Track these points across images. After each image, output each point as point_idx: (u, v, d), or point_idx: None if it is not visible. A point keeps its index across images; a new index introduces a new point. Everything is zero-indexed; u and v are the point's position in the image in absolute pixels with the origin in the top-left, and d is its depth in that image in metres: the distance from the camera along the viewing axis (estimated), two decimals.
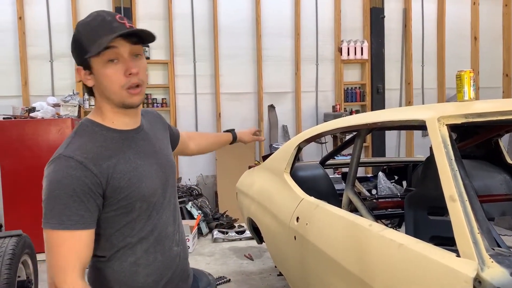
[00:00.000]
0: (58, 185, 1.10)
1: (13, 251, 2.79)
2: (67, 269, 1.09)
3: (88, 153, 1.13)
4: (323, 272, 1.88)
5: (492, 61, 6.83)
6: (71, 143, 1.16)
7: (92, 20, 1.15)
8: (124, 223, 1.19)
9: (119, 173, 1.16)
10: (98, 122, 1.21)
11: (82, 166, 1.10)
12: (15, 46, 5.63)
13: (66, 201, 1.09)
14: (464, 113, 1.50)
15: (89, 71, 1.17)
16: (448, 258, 1.20)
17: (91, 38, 1.12)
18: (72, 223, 1.09)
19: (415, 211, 2.20)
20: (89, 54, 1.12)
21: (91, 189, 1.11)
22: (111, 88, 1.15)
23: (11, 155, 4.51)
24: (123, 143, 1.21)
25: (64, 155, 1.13)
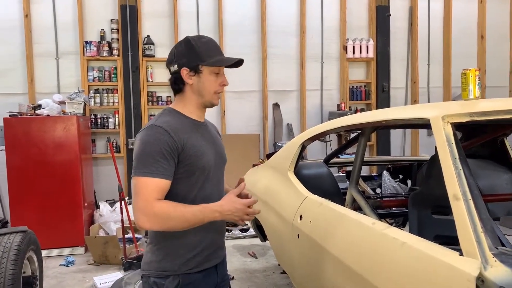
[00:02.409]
0: (150, 145, 1.48)
1: (19, 247, 2.81)
2: (150, 199, 1.44)
3: (171, 126, 1.53)
4: (326, 270, 1.88)
5: (499, 59, 6.77)
6: (159, 119, 1.57)
7: (208, 41, 1.63)
8: (186, 186, 1.55)
9: (190, 145, 1.54)
10: (178, 111, 1.63)
11: (167, 133, 1.50)
12: (22, 44, 5.66)
13: (155, 157, 1.46)
14: (469, 112, 1.49)
15: (193, 73, 1.58)
16: (451, 256, 1.20)
17: (208, 53, 1.58)
18: (158, 172, 1.46)
19: (419, 210, 2.19)
20: (205, 63, 1.57)
21: (172, 150, 1.49)
22: (208, 90, 1.60)
23: (17, 152, 4.54)
24: (194, 127, 1.62)
25: (155, 125, 1.52)
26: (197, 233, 1.57)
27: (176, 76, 1.59)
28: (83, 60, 5.77)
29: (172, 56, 1.61)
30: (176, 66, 1.58)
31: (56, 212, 4.59)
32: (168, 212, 1.44)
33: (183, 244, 1.57)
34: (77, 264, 4.39)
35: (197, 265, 1.59)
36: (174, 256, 1.57)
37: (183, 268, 1.57)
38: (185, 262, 1.57)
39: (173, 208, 1.45)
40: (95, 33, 5.87)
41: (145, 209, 1.43)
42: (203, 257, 1.61)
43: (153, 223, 1.45)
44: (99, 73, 5.85)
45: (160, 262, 1.57)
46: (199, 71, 1.57)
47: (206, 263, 1.62)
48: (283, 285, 3.69)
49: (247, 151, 5.99)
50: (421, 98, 6.78)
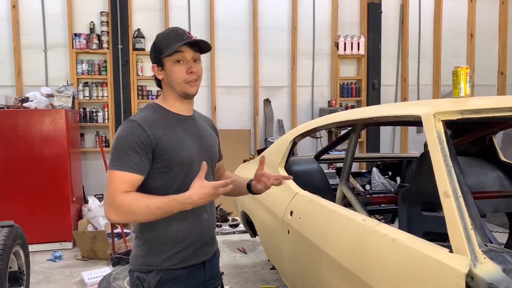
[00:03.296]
0: (123, 139, 1.48)
1: (5, 242, 2.77)
2: (116, 191, 1.44)
3: (147, 120, 1.52)
4: (316, 266, 1.88)
5: (487, 58, 6.84)
6: (138, 114, 1.58)
7: (169, 32, 1.60)
8: (164, 181, 1.53)
9: (167, 140, 1.52)
10: (160, 105, 1.63)
11: (140, 128, 1.49)
12: (9, 35, 5.55)
13: (127, 151, 1.46)
14: (460, 109, 1.50)
15: (161, 68, 1.59)
16: (441, 253, 1.20)
17: (167, 44, 1.55)
18: (129, 166, 1.45)
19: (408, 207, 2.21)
20: (164, 55, 1.55)
21: (144, 145, 1.48)
22: (176, 81, 1.57)
23: (4, 145, 4.47)
24: (176, 121, 1.60)
25: (130, 119, 1.53)
26: (181, 229, 1.57)
27: (153, 74, 1.63)
28: (72, 53, 5.69)
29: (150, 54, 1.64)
30: (151, 63, 1.63)
31: (43, 206, 4.53)
32: (131, 205, 1.43)
33: (166, 240, 1.57)
34: (65, 259, 4.35)
35: (182, 261, 1.58)
36: (157, 251, 1.57)
37: (166, 263, 1.56)
38: (168, 258, 1.57)
39: (136, 200, 1.43)
40: (84, 26, 5.79)
41: (111, 201, 1.43)
42: (188, 253, 1.60)
43: (117, 215, 1.44)
44: (88, 66, 5.77)
45: (145, 257, 1.58)
46: (163, 65, 1.58)
47: (192, 260, 1.61)
48: (272, 281, 3.70)
49: (237, 146, 5.98)
50: (411, 96, 6.82)
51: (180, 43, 1.53)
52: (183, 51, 1.55)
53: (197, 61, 1.60)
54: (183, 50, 1.55)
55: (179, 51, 1.54)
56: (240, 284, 3.65)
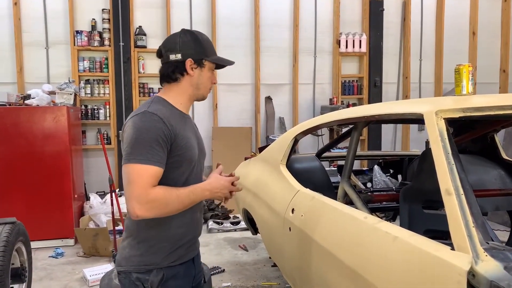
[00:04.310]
0: (147, 131, 1.44)
1: (7, 239, 2.78)
2: (146, 186, 1.41)
3: (165, 114, 1.51)
4: (318, 263, 1.88)
5: (489, 56, 6.83)
6: (151, 106, 1.53)
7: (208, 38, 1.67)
8: (172, 176, 1.52)
9: (181, 135, 1.53)
10: (168, 101, 1.61)
11: (162, 122, 1.48)
12: (11, 32, 5.56)
13: (152, 144, 1.44)
14: (462, 107, 1.49)
15: (196, 66, 1.60)
16: (443, 251, 1.20)
17: (212, 50, 1.65)
18: (154, 160, 1.43)
19: (410, 205, 2.21)
20: (209, 58, 1.62)
21: (167, 138, 1.48)
22: (205, 85, 1.64)
23: (6, 142, 4.48)
24: (181, 119, 1.60)
25: (149, 112, 1.49)
26: (182, 226, 1.58)
27: (177, 65, 1.58)
28: (74, 50, 5.69)
29: (175, 44, 1.58)
30: (180, 55, 1.58)
31: (45, 203, 4.55)
32: (165, 198, 1.43)
33: (168, 237, 1.56)
34: (67, 256, 4.36)
35: (180, 258, 1.59)
36: (157, 248, 1.55)
37: (166, 261, 1.55)
38: (168, 255, 1.56)
39: (169, 193, 1.44)
40: (86, 23, 5.79)
41: (140, 197, 1.40)
42: (185, 249, 1.61)
43: (150, 210, 1.42)
44: (90, 63, 5.78)
45: (142, 256, 1.54)
46: (203, 65, 1.60)
47: (186, 256, 1.63)
48: (273, 278, 3.70)
49: (239, 144, 5.98)
50: (413, 94, 6.81)
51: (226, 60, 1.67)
52: None
53: None
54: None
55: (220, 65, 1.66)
56: (241, 281, 3.66)
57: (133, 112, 1.55)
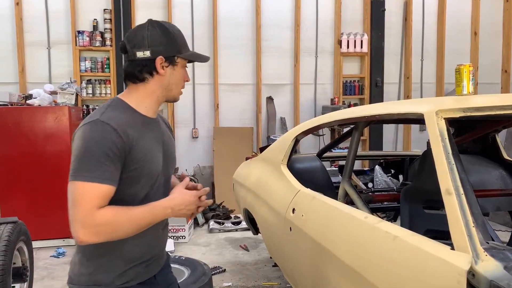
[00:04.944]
0: (96, 144, 1.25)
1: (9, 238, 2.78)
2: (92, 208, 1.23)
3: (120, 123, 1.30)
4: (318, 263, 1.89)
5: (491, 56, 6.82)
6: (105, 112, 1.33)
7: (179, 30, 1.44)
8: (128, 194, 1.33)
9: (139, 147, 1.33)
10: (128, 104, 1.40)
11: (115, 132, 1.27)
12: (12, 32, 5.58)
13: (101, 159, 1.24)
14: (462, 107, 1.50)
15: (167, 64, 1.39)
16: (443, 251, 1.21)
17: (184, 44, 1.42)
18: (104, 178, 1.24)
19: (410, 205, 2.21)
20: (182, 55, 1.40)
21: (120, 152, 1.28)
22: (178, 84, 1.43)
23: (7, 142, 4.49)
24: (144, 125, 1.39)
25: (101, 120, 1.28)
26: (140, 244, 1.40)
27: (145, 64, 1.36)
28: (75, 50, 5.71)
29: (142, 39, 1.36)
30: (148, 52, 1.35)
31: (47, 203, 4.56)
32: (114, 221, 1.24)
33: (121, 255, 1.38)
34: (68, 255, 4.37)
35: (136, 277, 1.41)
36: (107, 267, 1.37)
37: (118, 281, 1.37)
38: (121, 274, 1.37)
39: (120, 215, 1.26)
40: (87, 23, 5.80)
41: (85, 220, 1.21)
42: (143, 268, 1.43)
43: (95, 236, 1.23)
44: (92, 63, 5.79)
45: (91, 274, 1.37)
46: (175, 63, 1.39)
47: (145, 275, 1.44)
48: (274, 278, 3.70)
49: (240, 144, 5.98)
50: (414, 94, 6.81)
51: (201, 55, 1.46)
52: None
53: None
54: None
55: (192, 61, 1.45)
56: (242, 281, 3.66)
57: (86, 118, 1.35)
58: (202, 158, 6.27)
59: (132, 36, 1.39)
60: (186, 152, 6.16)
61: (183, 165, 6.17)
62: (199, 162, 6.25)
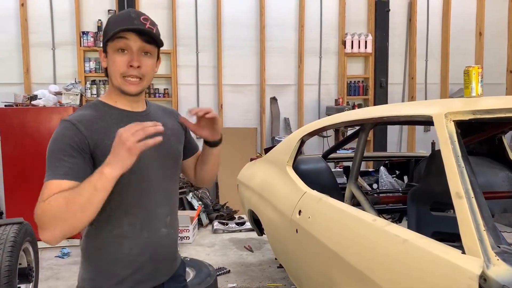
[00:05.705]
0: (55, 142, 1.24)
1: (15, 239, 2.79)
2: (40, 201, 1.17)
3: (84, 119, 1.27)
4: (325, 265, 1.88)
5: (496, 57, 6.79)
6: (76, 112, 1.33)
7: (121, 13, 1.32)
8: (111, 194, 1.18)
9: (108, 143, 1.19)
10: (104, 101, 1.36)
11: (74, 127, 1.24)
12: (17, 33, 5.60)
13: (59, 155, 1.21)
14: (472, 110, 1.49)
15: (105, 55, 1.32)
16: (453, 254, 1.20)
17: (114, 27, 1.27)
18: (61, 173, 1.19)
19: (417, 207, 2.20)
20: (105, 39, 1.29)
21: (79, 146, 1.23)
22: (113, 73, 1.30)
23: (13, 143, 4.51)
24: (122, 119, 1.30)
25: (64, 120, 1.28)
26: (134, 247, 1.32)
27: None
28: (80, 51, 5.72)
29: None
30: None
31: None
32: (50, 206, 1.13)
33: (117, 260, 1.32)
34: (73, 256, 4.38)
35: (137, 284, 1.34)
36: (107, 273, 1.32)
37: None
38: (121, 281, 1.32)
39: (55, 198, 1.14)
40: (92, 24, 5.82)
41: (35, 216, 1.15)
42: (145, 275, 1.35)
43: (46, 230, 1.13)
44: (96, 64, 5.80)
45: (94, 280, 1.33)
46: (107, 51, 1.30)
47: (149, 282, 1.36)
48: (279, 279, 3.70)
49: (244, 144, 5.98)
50: (419, 94, 6.79)
51: (123, 27, 1.24)
52: (128, 37, 1.25)
53: (147, 55, 1.30)
54: (127, 37, 1.25)
55: (123, 37, 1.25)
56: (246, 282, 3.66)
57: None
58: None
59: None
60: None
61: None
62: None
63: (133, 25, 1.25)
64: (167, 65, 5.95)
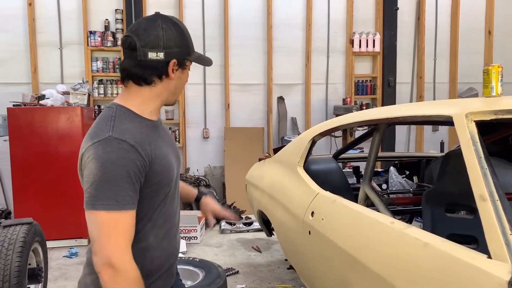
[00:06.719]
0: (113, 166, 1.12)
1: (24, 239, 2.78)
2: (124, 248, 1.13)
3: (136, 137, 1.18)
4: (340, 268, 1.85)
5: (505, 55, 6.70)
6: (115, 126, 1.18)
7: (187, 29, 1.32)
8: (145, 210, 1.23)
9: (158, 158, 1.22)
10: (131, 109, 1.26)
11: (134, 150, 1.15)
12: (25, 33, 5.60)
13: (120, 182, 1.12)
14: (494, 110, 1.45)
15: (177, 67, 1.27)
16: (479, 259, 1.16)
17: (192, 45, 1.31)
18: (126, 203, 1.13)
19: (432, 208, 2.16)
20: (192, 58, 1.31)
21: (140, 171, 1.16)
22: (181, 89, 1.34)
23: (21, 143, 4.50)
24: (155, 131, 1.28)
25: (115, 138, 1.15)
26: (156, 257, 1.29)
27: (156, 66, 1.24)
28: (87, 51, 5.71)
29: (157, 39, 1.23)
30: (162, 54, 1.23)
31: (59, 203, 4.56)
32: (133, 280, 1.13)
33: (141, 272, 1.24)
34: (81, 255, 4.37)
35: None
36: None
37: None
38: None
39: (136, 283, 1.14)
40: (99, 23, 5.81)
41: (117, 259, 1.10)
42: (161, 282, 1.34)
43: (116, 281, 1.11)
44: (103, 63, 5.80)
45: None
46: (185, 66, 1.29)
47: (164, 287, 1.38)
48: (288, 280, 3.67)
49: (251, 144, 5.96)
50: (427, 94, 6.73)
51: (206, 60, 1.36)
52: None
53: None
54: None
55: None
56: (255, 283, 3.63)
57: (92, 132, 1.20)
58: (213, 159, 6.25)
59: (144, 33, 1.23)
60: (197, 153, 6.15)
61: (194, 165, 6.16)
62: (210, 162, 6.23)
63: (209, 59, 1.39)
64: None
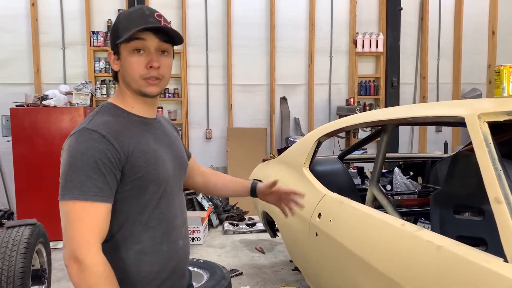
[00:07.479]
0: (81, 156, 1.10)
1: (28, 240, 2.77)
2: (91, 241, 1.08)
3: (111, 128, 1.16)
4: (349, 270, 1.83)
5: (509, 56, 6.68)
6: (93, 119, 1.19)
7: (133, 11, 1.23)
8: (134, 208, 1.20)
9: (139, 152, 1.18)
10: (119, 106, 1.26)
11: (105, 140, 1.13)
12: (28, 33, 5.59)
13: (88, 172, 1.09)
14: (507, 110, 1.43)
15: (117, 57, 1.23)
16: (495, 263, 1.14)
17: (126, 26, 1.19)
18: (93, 194, 1.09)
19: (441, 210, 2.14)
20: (119, 40, 1.19)
21: (111, 162, 1.12)
22: (131, 75, 1.21)
23: (24, 143, 4.49)
24: (143, 127, 1.26)
25: (87, 128, 1.14)
26: (154, 264, 1.24)
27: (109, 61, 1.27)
28: (90, 51, 5.70)
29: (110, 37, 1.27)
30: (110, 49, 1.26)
31: None
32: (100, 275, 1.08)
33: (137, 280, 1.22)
34: None
35: None
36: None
37: None
38: None
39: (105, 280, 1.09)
40: (102, 23, 5.80)
41: (82, 253, 1.06)
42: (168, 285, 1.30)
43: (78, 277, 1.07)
44: (106, 64, 5.78)
45: None
46: (119, 53, 1.21)
47: None
48: (292, 282, 3.65)
49: (254, 144, 5.94)
50: (430, 94, 6.70)
51: (140, 27, 1.16)
52: (145, 38, 1.18)
53: (164, 54, 1.24)
54: (144, 37, 1.18)
55: (140, 38, 1.17)
56: (259, 284, 3.61)
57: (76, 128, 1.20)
58: (215, 159, 6.23)
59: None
60: (200, 153, 6.13)
61: None
62: (212, 163, 6.21)
63: (149, 23, 1.17)
64: (177, 65, 5.92)
